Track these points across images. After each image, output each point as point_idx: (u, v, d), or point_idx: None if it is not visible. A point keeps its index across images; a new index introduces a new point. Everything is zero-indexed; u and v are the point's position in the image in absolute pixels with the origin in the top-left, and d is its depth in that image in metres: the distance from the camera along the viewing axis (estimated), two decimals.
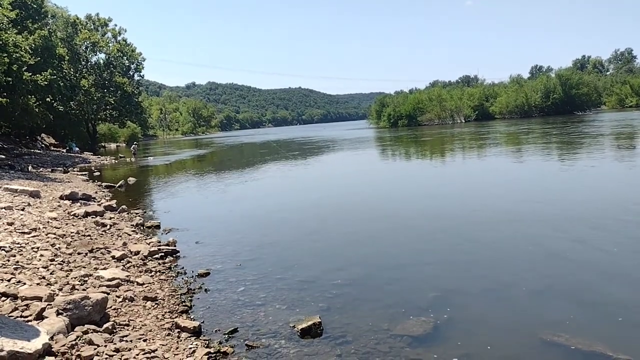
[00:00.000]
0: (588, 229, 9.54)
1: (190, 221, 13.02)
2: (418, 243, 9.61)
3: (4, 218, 10.10)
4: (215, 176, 25.95)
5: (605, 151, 23.05)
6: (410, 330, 5.60)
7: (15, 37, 28.00)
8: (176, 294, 7.16)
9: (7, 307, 5.47)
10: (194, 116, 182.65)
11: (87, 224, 11.40)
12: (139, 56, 63.24)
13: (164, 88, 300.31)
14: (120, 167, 36.38)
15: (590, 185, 14.64)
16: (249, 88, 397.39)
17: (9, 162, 26.24)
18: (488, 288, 6.88)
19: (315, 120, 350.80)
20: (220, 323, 6.12)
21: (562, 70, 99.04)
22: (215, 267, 8.49)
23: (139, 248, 9.37)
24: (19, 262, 7.23)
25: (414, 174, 21.94)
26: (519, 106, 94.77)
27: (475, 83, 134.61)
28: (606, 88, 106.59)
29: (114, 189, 20.99)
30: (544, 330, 5.37)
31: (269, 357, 5.18)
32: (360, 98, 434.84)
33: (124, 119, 64.52)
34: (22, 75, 29.17)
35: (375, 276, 7.71)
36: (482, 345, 5.23)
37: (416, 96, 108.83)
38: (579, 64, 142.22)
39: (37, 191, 14.92)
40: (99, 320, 5.56)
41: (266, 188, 20.05)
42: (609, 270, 7.19)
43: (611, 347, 4.91)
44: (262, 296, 6.98)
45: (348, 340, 5.48)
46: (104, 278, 7.16)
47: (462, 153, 30.22)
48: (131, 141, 73.17)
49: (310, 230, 11.32)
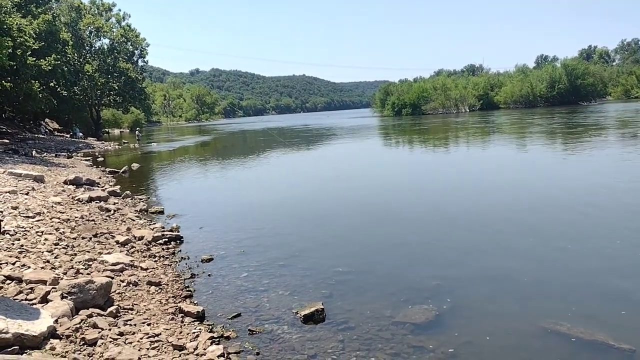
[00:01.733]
0: (591, 219, 9.53)
1: (194, 207, 13.05)
2: (420, 232, 9.61)
3: (9, 202, 10.13)
4: (218, 163, 25.97)
5: (610, 142, 22.94)
6: (413, 317, 5.62)
7: (19, 21, 27.92)
8: (180, 279, 7.20)
9: (12, 290, 5.50)
10: (198, 103, 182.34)
11: (91, 209, 11.44)
12: (143, 42, 62.90)
13: (167, 74, 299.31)
14: (124, 153, 36.43)
15: (593, 176, 14.58)
16: (253, 75, 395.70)
17: (13, 146, 26.27)
18: (490, 277, 6.90)
19: (319, 108, 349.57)
20: (224, 308, 6.15)
21: (567, 60, 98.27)
22: (218, 253, 8.52)
23: (142, 233, 9.41)
24: (24, 245, 7.27)
25: (416, 163, 21.90)
26: (524, 96, 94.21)
27: (481, 72, 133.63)
28: (612, 78, 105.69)
29: (117, 175, 21.03)
30: (546, 320, 5.38)
31: (272, 342, 5.21)
32: (364, 86, 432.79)
33: (127, 104, 64.35)
34: (26, 60, 29.12)
35: (378, 264, 7.73)
36: (484, 333, 5.25)
37: (421, 85, 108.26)
38: (585, 54, 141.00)
39: (41, 176, 14.96)
40: (103, 304, 5.59)
41: (269, 175, 20.06)
42: (611, 261, 7.19)
43: (613, 336, 4.92)
44: (265, 282, 7.01)
45: (350, 327, 5.51)
46: (108, 262, 7.19)
47: (466, 142, 30.14)
48: (135, 127, 73.14)
49: (313, 218, 11.34)
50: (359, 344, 5.11)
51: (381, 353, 4.91)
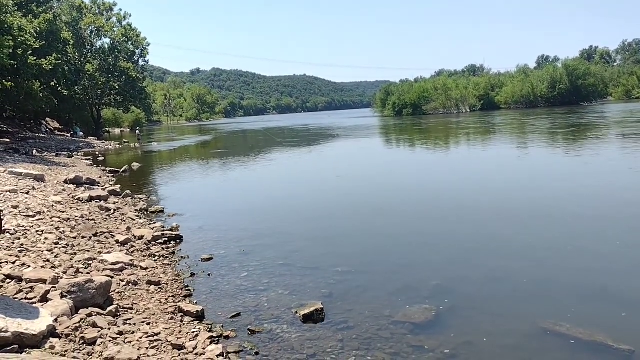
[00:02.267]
0: (591, 220, 9.53)
1: (194, 207, 13.06)
2: (420, 232, 9.62)
3: (9, 201, 10.15)
4: (218, 162, 25.97)
5: (611, 144, 22.94)
6: (412, 317, 5.62)
7: (20, 20, 27.93)
8: (179, 278, 7.20)
9: (11, 289, 5.51)
10: (198, 102, 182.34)
11: (91, 208, 11.45)
12: (143, 41, 62.95)
13: (168, 74, 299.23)
14: (125, 152, 36.44)
15: (593, 177, 14.58)
16: (254, 75, 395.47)
17: (13, 145, 26.29)
18: (489, 277, 6.90)
19: (319, 108, 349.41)
20: (223, 308, 6.15)
21: (569, 61, 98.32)
22: (218, 253, 8.52)
23: (142, 233, 9.41)
24: (24, 245, 7.28)
25: (416, 163, 21.91)
26: (525, 96, 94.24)
27: (482, 72, 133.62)
28: (613, 79, 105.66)
29: (118, 174, 21.04)
30: (545, 320, 5.38)
31: (271, 342, 5.22)
32: (365, 86, 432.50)
33: (128, 104, 64.42)
34: (27, 59, 29.13)
35: (377, 264, 7.73)
36: (483, 333, 5.25)
37: (421, 85, 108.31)
38: (586, 55, 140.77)
39: (42, 175, 14.97)
40: (102, 304, 5.60)
41: (269, 175, 20.06)
42: (611, 261, 7.19)
43: (612, 336, 4.92)
44: (264, 282, 7.02)
45: (350, 326, 5.51)
46: (108, 262, 7.20)
47: (467, 142, 30.14)
48: (135, 127, 73.17)
49: (313, 218, 11.35)
50: (358, 344, 5.11)
51: (380, 352, 4.91)
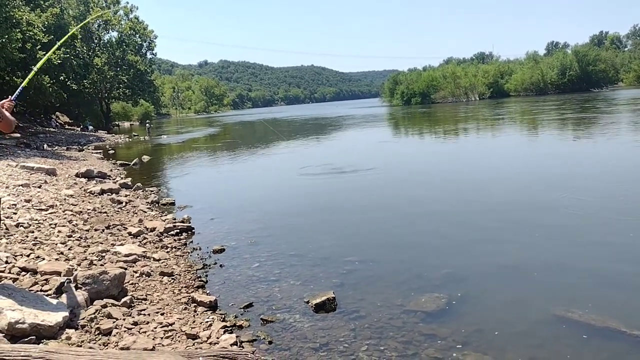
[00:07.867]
0: (603, 209, 9.45)
1: (205, 198, 13.13)
2: (431, 221, 9.59)
3: (22, 195, 10.24)
4: (228, 154, 26.02)
5: (622, 132, 22.72)
6: (424, 306, 5.64)
7: (28, 15, 28.03)
8: (192, 269, 7.26)
9: (27, 281, 5.57)
10: (207, 95, 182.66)
11: (103, 201, 11.54)
12: (151, 34, 63.04)
13: (176, 66, 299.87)
14: (134, 145, 36.62)
15: (607, 166, 14.46)
16: (261, 66, 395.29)
17: (24, 140, 26.46)
18: (502, 265, 6.88)
19: (327, 99, 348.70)
20: (236, 298, 6.20)
21: (578, 47, 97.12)
22: (229, 244, 8.57)
23: (154, 225, 9.48)
24: (38, 238, 7.35)
25: (426, 152, 21.83)
26: (535, 83, 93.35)
27: (490, 60, 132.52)
28: (624, 64, 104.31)
29: (128, 167, 21.16)
30: (558, 307, 5.37)
31: (284, 331, 5.26)
32: (373, 76, 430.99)
33: (137, 97, 64.69)
34: (36, 53, 29.26)
35: (389, 254, 7.74)
36: (495, 321, 5.25)
37: (430, 74, 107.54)
38: (596, 40, 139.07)
39: (53, 169, 15.09)
40: (117, 295, 5.66)
41: (279, 165, 20.08)
42: (624, 249, 7.15)
43: (625, 323, 4.90)
44: (276, 272, 7.05)
45: (362, 315, 5.54)
46: (121, 254, 7.26)
47: (477, 131, 29.97)
48: (144, 120, 73.44)
49: (324, 209, 11.35)
50: (370, 332, 5.14)
51: (392, 341, 4.93)
